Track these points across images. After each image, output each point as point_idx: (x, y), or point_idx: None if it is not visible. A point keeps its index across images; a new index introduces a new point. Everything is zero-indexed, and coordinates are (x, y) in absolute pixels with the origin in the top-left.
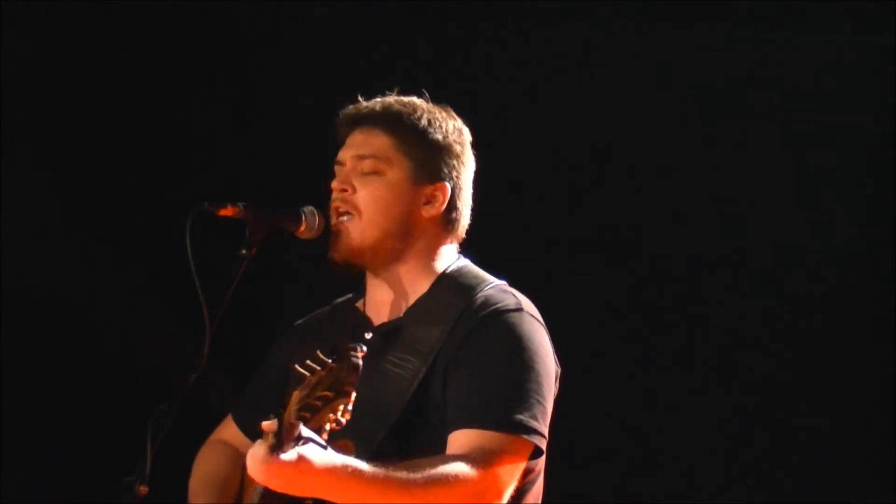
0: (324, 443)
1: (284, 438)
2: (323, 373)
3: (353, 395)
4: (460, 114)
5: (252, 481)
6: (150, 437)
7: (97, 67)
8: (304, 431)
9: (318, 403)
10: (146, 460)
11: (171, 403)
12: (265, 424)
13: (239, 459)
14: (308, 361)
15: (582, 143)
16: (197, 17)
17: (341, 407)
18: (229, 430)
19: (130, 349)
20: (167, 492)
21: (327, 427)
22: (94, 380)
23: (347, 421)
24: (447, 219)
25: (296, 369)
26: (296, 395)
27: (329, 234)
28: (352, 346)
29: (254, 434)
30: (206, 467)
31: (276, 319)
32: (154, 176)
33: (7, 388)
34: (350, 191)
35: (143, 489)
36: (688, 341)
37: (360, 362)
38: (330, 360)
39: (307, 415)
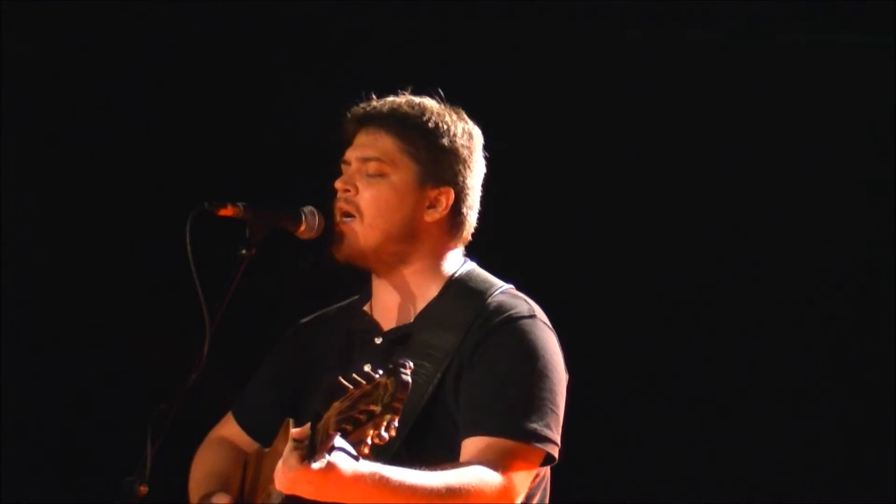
0: (355, 453)
1: (319, 448)
2: (368, 387)
3: (401, 412)
4: (471, 116)
5: (266, 482)
6: (150, 437)
7: (97, 67)
8: (337, 441)
9: (362, 417)
10: (146, 460)
11: (171, 403)
12: (294, 432)
13: (239, 457)
14: (353, 374)
15: (584, 144)
16: (198, 17)
17: (385, 423)
18: (230, 428)
19: (131, 349)
20: (167, 492)
21: (369, 441)
22: (95, 380)
23: (392, 437)
24: (452, 223)
25: (338, 381)
26: (336, 407)
27: (331, 233)
28: (401, 362)
29: (254, 432)
30: (206, 465)
31: (276, 319)
32: (154, 176)
33: (7, 388)
34: (353, 192)
35: (143, 489)
36: (691, 345)
37: (410, 379)
38: (378, 375)
39: (349, 427)
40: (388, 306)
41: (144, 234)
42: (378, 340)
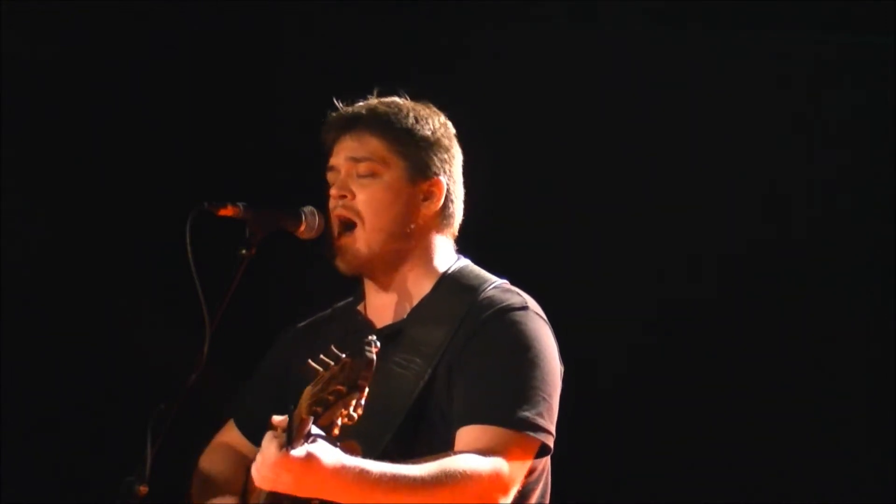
0: (333, 440)
1: (295, 435)
2: (336, 368)
3: (367, 389)
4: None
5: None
6: (150, 438)
7: (97, 67)
8: (314, 429)
9: (331, 398)
10: (146, 460)
11: (171, 403)
12: (275, 419)
13: (241, 462)
14: (321, 356)
15: (579, 141)
16: (198, 17)
17: (353, 402)
18: (231, 434)
19: (131, 349)
20: (167, 492)
21: (339, 422)
22: (95, 380)
23: (360, 416)
24: (444, 213)
25: (309, 365)
26: (308, 391)
27: (332, 247)
28: (366, 340)
29: (255, 437)
30: (208, 471)
31: (276, 319)
32: (154, 176)
33: (7, 389)
34: (349, 196)
35: (143, 489)
36: (688, 341)
37: (375, 357)
38: (343, 356)
39: (319, 409)
40: (381, 305)
41: (144, 234)
42: (371, 338)
